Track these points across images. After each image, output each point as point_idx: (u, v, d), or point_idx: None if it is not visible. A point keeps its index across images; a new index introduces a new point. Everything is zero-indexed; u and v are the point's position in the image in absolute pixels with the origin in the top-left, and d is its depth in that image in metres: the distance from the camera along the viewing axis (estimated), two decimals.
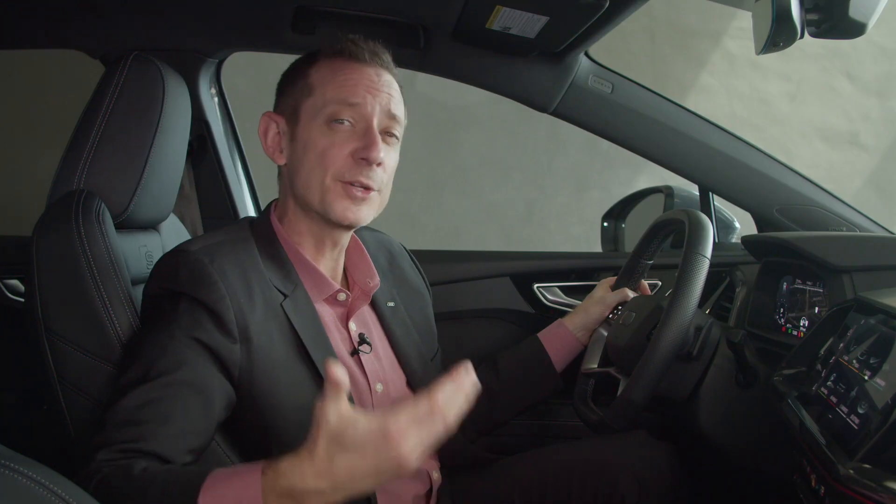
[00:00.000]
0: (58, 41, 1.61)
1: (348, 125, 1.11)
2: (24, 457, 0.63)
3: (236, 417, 1.06)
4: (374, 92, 1.12)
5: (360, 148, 1.10)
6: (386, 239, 1.38)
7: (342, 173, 1.10)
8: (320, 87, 1.12)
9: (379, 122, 1.12)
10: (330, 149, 1.10)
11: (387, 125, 1.14)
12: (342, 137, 1.10)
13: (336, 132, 1.10)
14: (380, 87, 1.13)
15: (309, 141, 1.11)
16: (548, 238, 3.83)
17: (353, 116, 1.11)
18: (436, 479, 1.25)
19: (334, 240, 1.17)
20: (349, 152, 1.10)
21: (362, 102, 1.10)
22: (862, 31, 1.06)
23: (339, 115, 1.10)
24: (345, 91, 1.10)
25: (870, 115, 3.89)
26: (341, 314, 1.19)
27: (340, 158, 1.10)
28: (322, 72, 1.13)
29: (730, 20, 3.80)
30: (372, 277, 1.22)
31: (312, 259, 1.16)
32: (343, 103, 1.10)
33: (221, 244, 1.09)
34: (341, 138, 1.10)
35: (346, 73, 1.12)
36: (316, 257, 1.17)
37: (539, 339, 1.42)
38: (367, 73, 1.13)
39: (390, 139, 1.15)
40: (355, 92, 1.11)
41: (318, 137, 1.11)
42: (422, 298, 1.37)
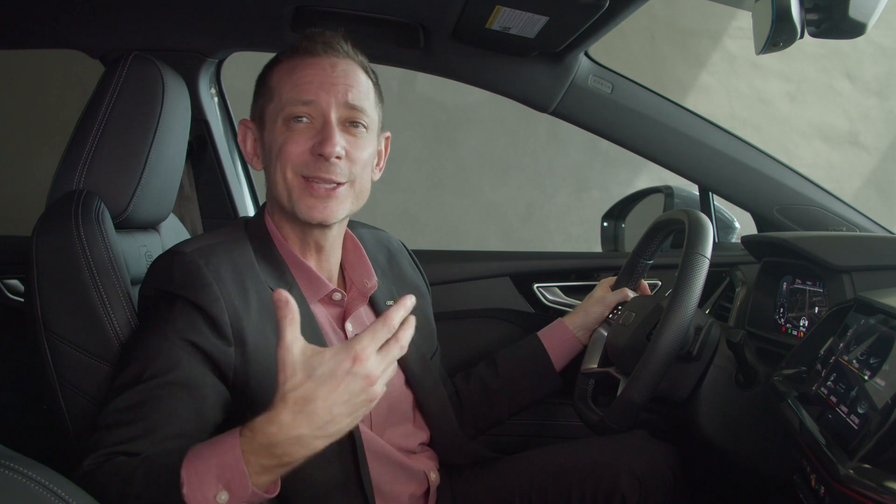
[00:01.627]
0: (58, 41, 1.61)
1: (306, 122, 1.10)
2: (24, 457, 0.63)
3: (232, 419, 1.05)
4: (328, 86, 1.10)
5: (316, 143, 1.09)
6: (385, 237, 1.37)
7: (300, 168, 1.09)
8: (278, 89, 1.12)
9: (338, 114, 1.10)
10: (286, 145, 1.09)
11: (348, 115, 1.11)
12: (300, 135, 1.10)
13: (293, 130, 1.10)
14: (334, 79, 1.10)
15: (272, 143, 1.12)
16: (548, 238, 3.83)
17: (311, 113, 1.10)
18: (433, 480, 1.24)
19: (316, 240, 1.16)
20: (307, 148, 1.09)
21: (316, 99, 1.09)
22: (862, 31, 1.06)
23: (296, 113, 1.10)
24: (299, 90, 1.10)
25: (870, 115, 3.89)
26: (337, 314, 1.19)
27: (297, 154, 1.09)
28: (280, 74, 1.13)
29: (730, 20, 3.80)
30: (370, 278, 1.21)
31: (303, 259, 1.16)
32: (297, 102, 1.09)
33: (216, 245, 1.09)
34: (298, 135, 1.10)
35: (301, 71, 1.11)
36: (305, 257, 1.16)
37: (539, 338, 1.42)
38: (321, 67, 1.11)
39: (355, 129, 1.12)
40: (308, 89, 1.09)
41: (278, 137, 1.11)
42: (421, 297, 1.35)
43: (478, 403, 1.39)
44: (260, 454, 0.83)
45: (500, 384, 1.39)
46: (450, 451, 1.27)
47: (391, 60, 1.62)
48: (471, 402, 1.39)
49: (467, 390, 1.39)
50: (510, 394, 1.39)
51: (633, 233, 2.03)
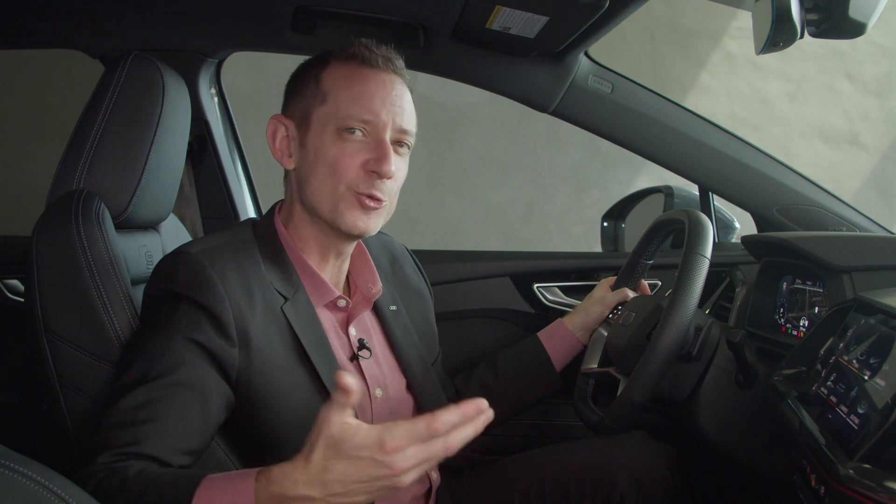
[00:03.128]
0: (58, 41, 1.61)
1: (360, 135, 1.09)
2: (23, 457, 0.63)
3: (235, 420, 1.06)
4: (388, 105, 1.10)
5: (371, 160, 1.09)
6: (388, 240, 1.37)
7: (355, 184, 1.09)
8: (333, 95, 1.10)
9: (392, 135, 1.11)
10: (341, 158, 1.09)
11: (398, 137, 1.12)
12: (354, 148, 1.09)
13: (347, 142, 1.09)
14: (393, 99, 1.11)
15: (320, 149, 1.10)
16: (548, 238, 3.83)
17: (366, 127, 1.10)
18: (434, 480, 1.25)
19: (339, 249, 1.17)
20: (360, 163, 1.09)
21: (375, 119, 1.09)
22: (862, 31, 1.06)
23: (353, 125, 1.09)
24: (359, 105, 1.09)
25: (870, 115, 3.89)
26: (341, 319, 1.19)
27: (352, 169, 1.09)
28: (334, 78, 1.11)
29: (730, 20, 3.80)
30: (374, 283, 1.21)
31: (316, 266, 1.15)
32: (357, 115, 1.09)
33: (222, 246, 1.09)
34: (353, 149, 1.09)
35: (360, 83, 1.10)
36: (320, 264, 1.16)
37: (539, 338, 1.42)
38: (380, 82, 1.11)
39: (401, 149, 1.14)
40: (370, 107, 1.09)
41: (329, 146, 1.09)
42: (423, 301, 1.36)
43: None
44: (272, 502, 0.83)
45: (500, 385, 1.39)
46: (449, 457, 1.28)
47: None
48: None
49: (467, 392, 1.39)
50: (510, 394, 1.39)
51: (633, 233, 2.03)
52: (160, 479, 0.88)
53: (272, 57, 1.70)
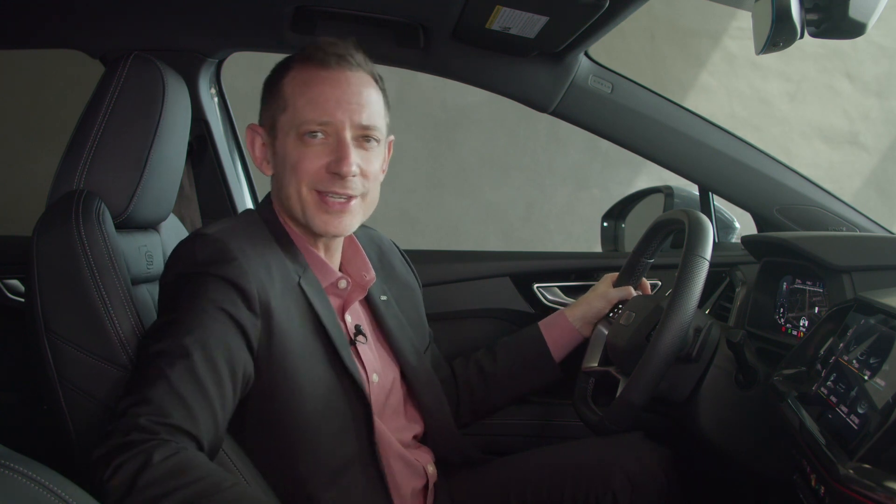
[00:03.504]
0: (58, 41, 1.61)
1: (321, 137, 1.12)
2: (24, 457, 0.63)
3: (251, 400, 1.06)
4: (344, 105, 1.11)
5: (332, 162, 1.11)
6: (376, 235, 1.40)
7: (315, 184, 1.11)
8: (292, 101, 1.13)
9: (352, 132, 1.12)
10: (303, 162, 1.11)
11: (361, 133, 1.13)
12: (315, 151, 1.11)
13: (308, 145, 1.11)
14: (349, 97, 1.12)
15: (286, 155, 1.13)
16: (548, 238, 3.83)
17: (326, 130, 1.11)
18: (431, 474, 1.26)
19: (326, 243, 1.20)
20: (322, 166, 1.11)
21: (332, 120, 1.11)
22: (862, 31, 1.06)
23: (311, 130, 1.11)
24: (314, 108, 1.11)
25: (870, 115, 3.89)
26: (338, 306, 1.21)
27: (313, 171, 1.11)
28: (293, 84, 1.14)
29: (730, 20, 3.80)
30: (367, 271, 1.24)
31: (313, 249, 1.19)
32: (313, 120, 1.11)
33: (236, 227, 1.12)
34: (314, 152, 1.11)
35: (315, 86, 1.12)
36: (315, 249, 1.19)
37: (539, 327, 1.44)
38: (335, 83, 1.12)
39: (368, 144, 1.14)
40: (325, 109, 1.11)
41: (293, 151, 1.12)
42: (412, 293, 1.39)
43: (475, 388, 1.40)
44: None
45: (497, 370, 1.41)
46: (444, 445, 1.29)
47: (391, 60, 1.62)
48: (468, 386, 1.40)
49: (465, 375, 1.41)
50: (508, 381, 1.41)
51: (633, 233, 2.03)
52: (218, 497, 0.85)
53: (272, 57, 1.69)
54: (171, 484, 0.83)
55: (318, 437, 1.09)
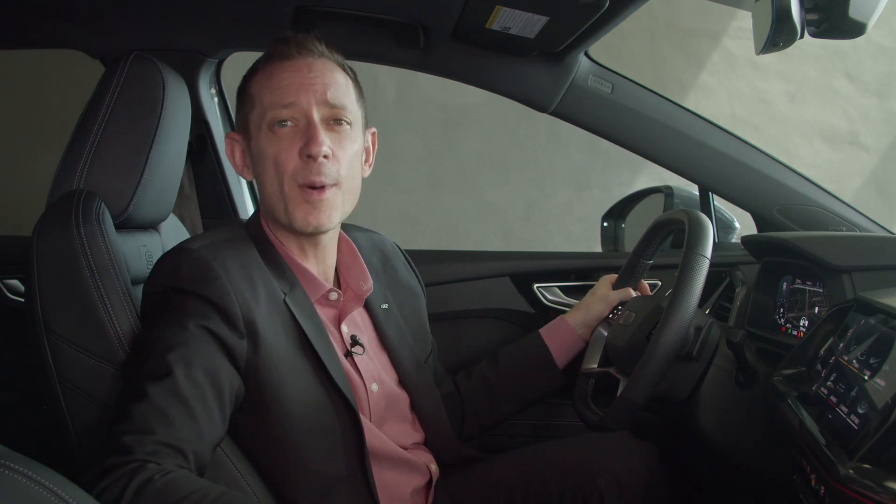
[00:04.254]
0: (58, 41, 1.61)
1: (290, 125, 1.11)
2: (24, 457, 0.63)
3: (242, 416, 1.06)
4: (307, 87, 1.10)
5: (303, 146, 1.10)
6: (379, 239, 1.38)
7: (296, 176, 1.10)
8: (258, 96, 1.13)
9: (320, 114, 1.11)
10: (279, 153, 1.10)
11: (330, 114, 1.12)
12: (287, 140, 1.10)
13: (280, 136, 1.11)
14: (312, 79, 1.11)
15: (261, 151, 1.12)
16: (548, 238, 3.83)
17: (293, 115, 1.10)
18: (434, 471, 1.26)
19: (312, 246, 1.18)
20: (297, 152, 1.10)
21: (296, 101, 1.10)
22: (862, 31, 1.06)
23: (279, 117, 1.10)
24: (278, 93, 1.10)
25: (870, 115, 3.89)
26: (332, 316, 1.20)
27: (291, 160, 1.10)
28: (258, 81, 1.14)
29: (730, 20, 3.79)
30: (365, 281, 1.22)
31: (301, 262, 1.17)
32: (279, 106, 1.10)
33: (222, 241, 1.11)
34: (287, 140, 1.10)
35: (279, 75, 1.12)
36: (303, 261, 1.18)
37: (540, 335, 1.43)
38: (297, 69, 1.12)
39: (339, 126, 1.12)
40: (287, 92, 1.10)
41: (267, 145, 1.11)
42: (415, 299, 1.37)
43: (479, 400, 1.39)
44: None
45: (501, 381, 1.39)
46: (443, 451, 1.28)
47: (391, 60, 1.62)
48: (472, 399, 1.39)
49: (468, 388, 1.40)
50: (512, 391, 1.40)
51: (633, 233, 2.03)
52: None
53: None
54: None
55: (307, 454, 1.08)
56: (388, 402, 1.22)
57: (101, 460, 0.89)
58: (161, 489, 0.85)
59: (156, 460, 0.89)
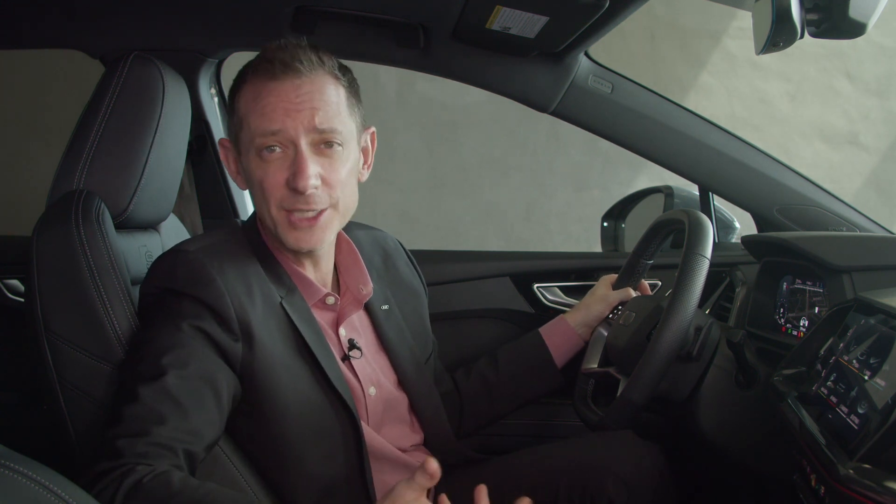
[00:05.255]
0: (58, 41, 1.61)
1: (279, 150, 1.07)
2: (24, 457, 0.63)
3: (239, 418, 1.06)
4: (294, 113, 1.05)
5: (290, 177, 1.06)
6: (381, 236, 1.36)
7: (282, 203, 1.08)
8: (246, 118, 1.09)
9: (308, 139, 1.06)
10: (265, 179, 1.08)
11: (319, 139, 1.07)
12: (275, 166, 1.07)
13: (268, 162, 1.07)
14: (299, 104, 1.06)
15: (250, 173, 1.10)
16: (548, 238, 3.83)
17: (281, 141, 1.07)
18: None
19: (308, 256, 1.17)
20: (283, 181, 1.07)
21: (283, 128, 1.05)
22: (862, 31, 1.06)
23: (266, 144, 1.07)
24: (264, 120, 1.06)
25: (870, 115, 3.89)
26: (330, 319, 1.19)
27: (277, 188, 1.07)
28: (245, 100, 1.09)
29: (730, 20, 3.79)
30: (365, 284, 1.21)
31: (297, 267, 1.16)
32: (265, 133, 1.06)
33: (218, 244, 1.11)
34: (274, 167, 1.07)
35: (265, 98, 1.06)
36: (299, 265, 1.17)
37: (540, 334, 1.42)
38: (282, 92, 1.06)
39: (329, 150, 1.08)
40: (273, 118, 1.05)
41: (255, 169, 1.09)
42: (417, 298, 1.36)
43: (478, 399, 1.39)
44: None
45: (500, 380, 1.39)
46: (443, 453, 1.28)
47: (391, 60, 1.62)
48: (471, 397, 1.39)
49: (467, 386, 1.40)
50: (511, 389, 1.39)
51: (633, 233, 2.03)
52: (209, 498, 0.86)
53: None
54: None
55: (305, 457, 1.08)
56: (387, 406, 1.21)
57: (95, 464, 0.89)
58: (150, 490, 0.85)
59: (147, 462, 0.89)
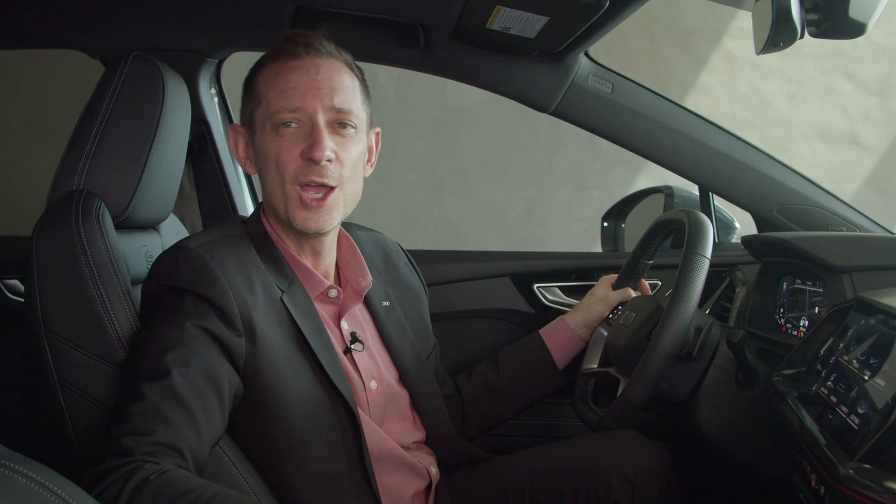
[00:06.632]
0: (58, 41, 1.61)
1: (295, 126, 1.11)
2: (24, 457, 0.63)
3: (241, 414, 1.07)
4: (314, 90, 1.10)
5: (305, 148, 1.10)
6: (381, 238, 1.38)
7: (296, 176, 1.10)
8: (265, 94, 1.13)
9: (325, 118, 1.11)
10: (281, 153, 1.11)
11: (335, 118, 1.12)
12: (290, 140, 1.11)
13: (283, 136, 1.11)
14: (319, 83, 1.11)
15: (264, 149, 1.13)
16: (548, 238, 3.83)
17: (299, 118, 1.11)
18: (434, 474, 1.25)
19: (312, 245, 1.19)
20: (298, 153, 1.10)
21: (302, 105, 1.10)
22: (862, 31, 1.06)
23: (284, 119, 1.11)
24: (285, 96, 1.10)
25: (870, 115, 3.89)
26: (333, 312, 1.20)
27: (293, 160, 1.10)
28: (265, 78, 1.14)
29: (730, 20, 3.80)
30: (364, 277, 1.23)
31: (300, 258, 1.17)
32: (284, 109, 1.10)
33: (220, 240, 1.11)
34: (290, 141, 1.11)
35: (285, 75, 1.11)
36: (302, 257, 1.18)
37: (540, 335, 1.42)
38: (305, 70, 1.11)
39: (344, 130, 1.13)
40: (294, 95, 1.10)
41: (270, 144, 1.12)
42: (417, 297, 1.37)
43: (480, 402, 1.39)
44: None
45: (501, 382, 1.39)
46: (445, 450, 1.28)
47: (391, 60, 1.62)
48: (473, 400, 1.39)
49: (469, 389, 1.40)
50: (512, 392, 1.39)
51: (633, 233, 2.03)
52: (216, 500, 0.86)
53: None
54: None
55: (306, 453, 1.09)
56: (388, 400, 1.22)
57: (100, 462, 0.89)
58: (157, 488, 0.85)
59: (154, 460, 0.89)
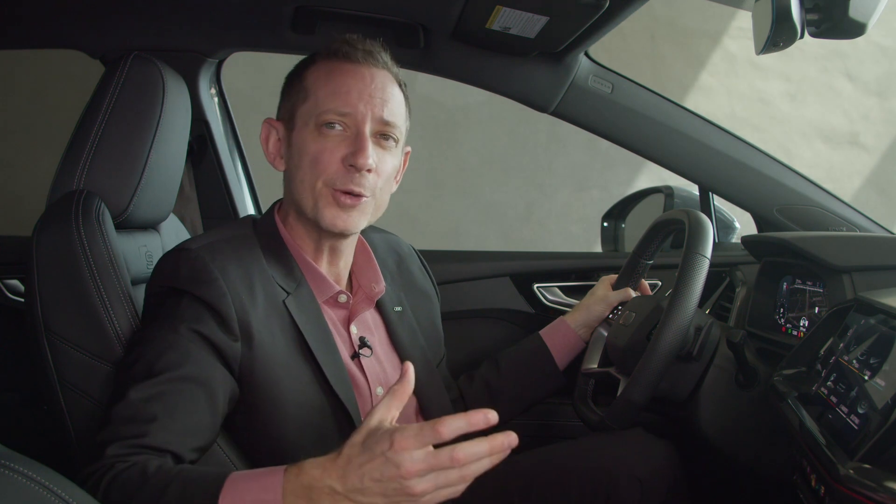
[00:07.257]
0: (58, 41, 1.60)
1: (339, 129, 1.10)
2: (24, 457, 0.63)
3: (238, 417, 1.06)
4: (367, 98, 1.10)
5: (349, 154, 1.08)
6: (395, 240, 1.38)
7: (333, 180, 1.09)
8: (314, 91, 1.11)
9: (371, 127, 1.10)
10: (321, 154, 1.09)
11: (380, 129, 1.11)
12: (334, 142, 1.09)
13: (327, 137, 1.09)
14: (372, 91, 1.10)
15: (303, 146, 1.11)
16: (548, 238, 3.83)
17: (345, 122, 1.10)
18: None
19: (332, 246, 1.17)
20: (340, 158, 1.09)
21: (353, 111, 1.09)
22: (862, 31, 1.06)
23: (330, 119, 1.09)
24: (337, 98, 1.09)
25: (870, 115, 3.89)
26: (343, 316, 1.19)
27: (332, 164, 1.09)
28: (316, 75, 1.13)
29: (730, 20, 3.80)
30: (378, 283, 1.21)
31: (313, 261, 1.16)
32: (334, 111, 1.09)
33: (222, 242, 1.10)
34: (333, 143, 1.09)
35: (339, 77, 1.11)
36: (316, 261, 1.17)
37: (541, 336, 1.42)
38: (360, 76, 1.11)
39: (386, 142, 1.12)
40: (347, 100, 1.09)
41: (310, 142, 1.10)
42: (429, 302, 1.37)
43: (482, 404, 1.39)
44: (298, 496, 0.82)
45: (503, 384, 1.39)
46: None
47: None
48: (475, 403, 1.38)
49: (471, 392, 1.40)
50: (514, 393, 1.39)
51: (633, 233, 2.03)
52: (183, 473, 0.87)
53: (272, 57, 1.69)
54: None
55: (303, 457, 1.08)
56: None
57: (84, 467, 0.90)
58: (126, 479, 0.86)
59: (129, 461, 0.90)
